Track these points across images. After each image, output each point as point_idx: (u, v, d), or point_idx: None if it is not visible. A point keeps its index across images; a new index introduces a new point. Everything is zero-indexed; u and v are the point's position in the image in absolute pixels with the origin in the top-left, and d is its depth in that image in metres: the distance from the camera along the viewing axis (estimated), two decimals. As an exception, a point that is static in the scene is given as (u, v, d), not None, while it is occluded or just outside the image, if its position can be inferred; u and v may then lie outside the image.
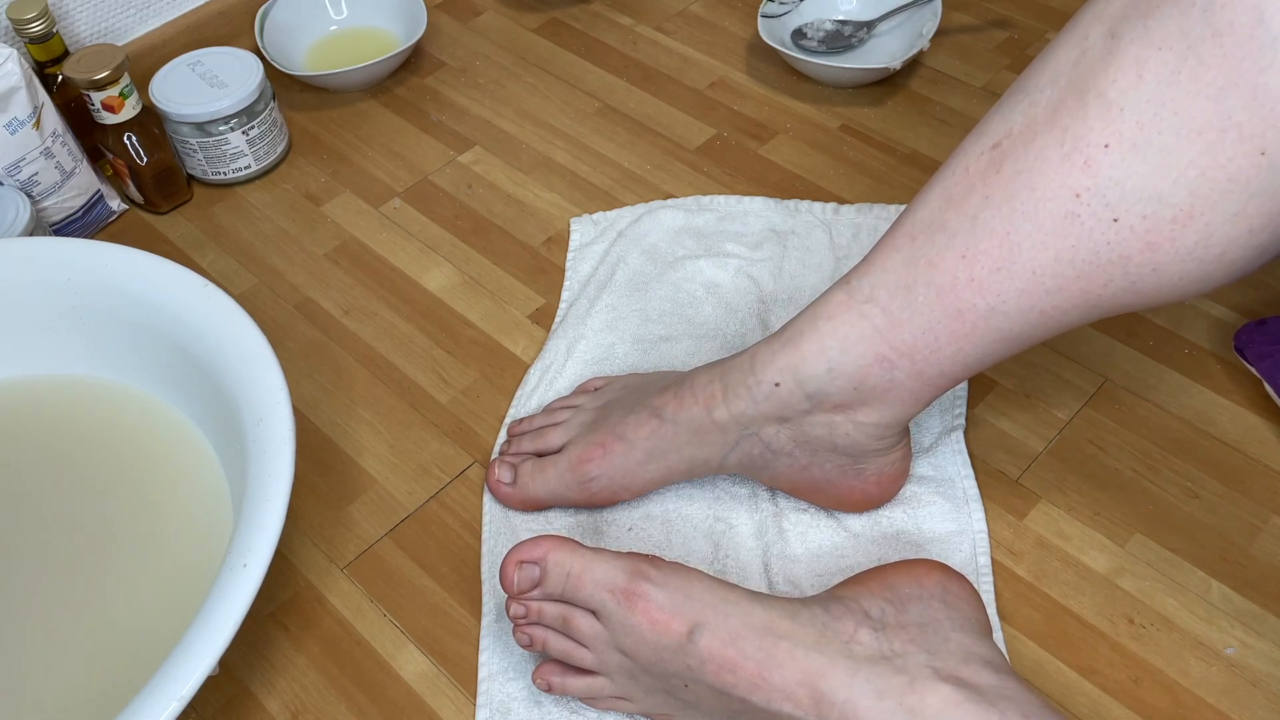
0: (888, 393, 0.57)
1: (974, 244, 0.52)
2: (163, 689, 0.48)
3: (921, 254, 0.54)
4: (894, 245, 0.56)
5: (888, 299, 0.55)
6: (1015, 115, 0.51)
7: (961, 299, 0.53)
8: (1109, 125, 0.47)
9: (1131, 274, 0.49)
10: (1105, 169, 0.47)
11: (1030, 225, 0.50)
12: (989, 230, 0.51)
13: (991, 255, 0.52)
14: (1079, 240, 0.49)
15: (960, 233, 0.53)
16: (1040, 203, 0.50)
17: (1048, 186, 0.49)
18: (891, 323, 0.55)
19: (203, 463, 0.66)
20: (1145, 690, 0.59)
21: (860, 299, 0.56)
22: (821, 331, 0.57)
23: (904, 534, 0.65)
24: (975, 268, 0.52)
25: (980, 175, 0.52)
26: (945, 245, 0.53)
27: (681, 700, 0.55)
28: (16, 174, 0.80)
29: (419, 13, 0.98)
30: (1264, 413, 0.70)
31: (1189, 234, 0.47)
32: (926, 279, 0.54)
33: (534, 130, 0.94)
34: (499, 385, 0.75)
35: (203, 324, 0.64)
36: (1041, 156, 0.49)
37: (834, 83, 0.94)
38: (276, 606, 0.65)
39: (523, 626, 0.57)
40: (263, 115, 0.88)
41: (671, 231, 0.83)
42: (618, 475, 0.64)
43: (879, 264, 0.56)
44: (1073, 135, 0.48)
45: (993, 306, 0.52)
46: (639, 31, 1.03)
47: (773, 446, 0.61)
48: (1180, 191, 0.46)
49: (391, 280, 0.83)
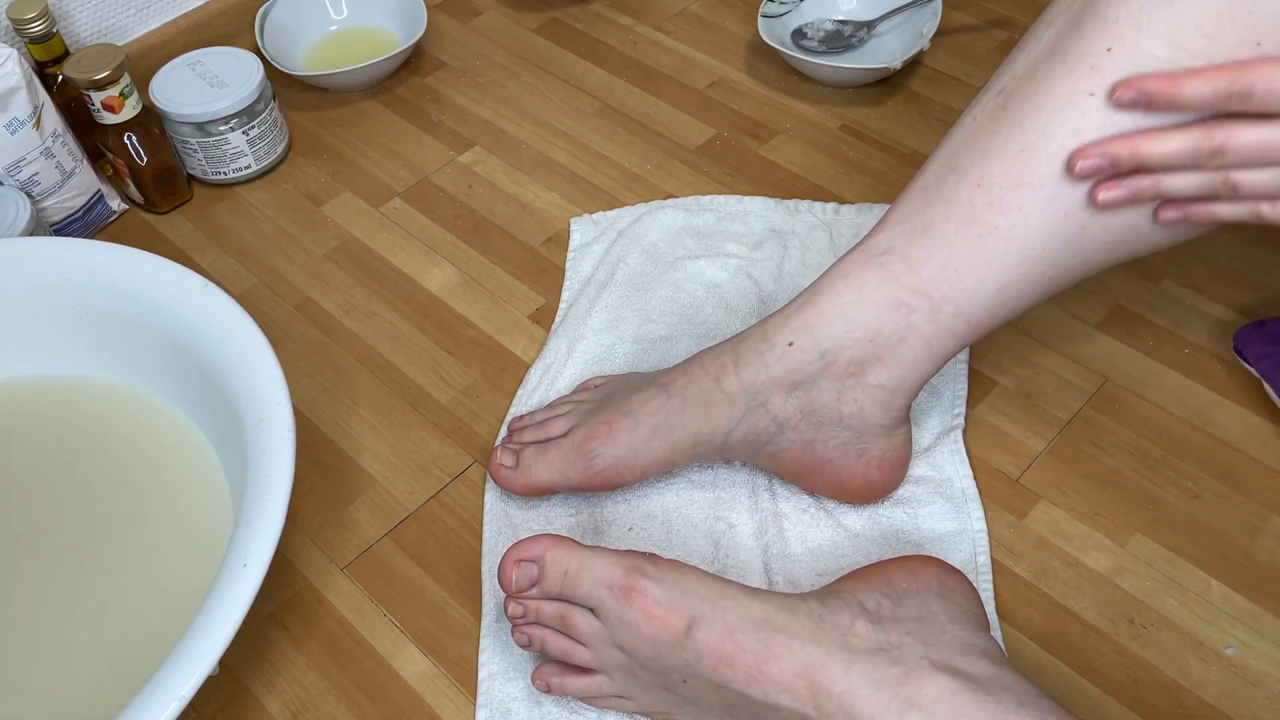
0: (903, 341, 0.57)
1: (988, 170, 0.53)
2: (163, 689, 0.48)
3: (935, 196, 0.55)
4: (906, 199, 0.56)
5: (904, 244, 0.56)
6: (1016, 63, 0.53)
7: (982, 223, 0.54)
8: (1106, 34, 0.50)
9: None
10: (1110, 70, 0.49)
11: (1043, 137, 0.51)
12: (1001, 155, 0.52)
13: (1007, 175, 0.52)
14: (1097, 135, 0.50)
15: (973, 167, 0.53)
16: (1052, 113, 0.51)
17: (1058, 99, 0.51)
18: (909, 265, 0.56)
19: (203, 463, 0.66)
20: (1145, 690, 0.59)
21: (877, 252, 0.57)
22: (837, 289, 0.58)
23: (903, 533, 0.65)
24: (993, 190, 0.53)
25: (989, 118, 0.53)
26: (958, 182, 0.54)
27: (680, 696, 0.55)
28: (16, 174, 0.80)
29: (419, 13, 0.98)
30: (1264, 413, 0.70)
31: None
32: (943, 215, 0.54)
33: (534, 130, 0.94)
34: (499, 385, 0.75)
35: (203, 324, 0.65)
36: (1047, 80, 0.51)
37: (834, 83, 0.94)
38: (276, 606, 0.65)
39: (521, 626, 0.57)
40: (263, 115, 0.88)
41: (672, 231, 0.83)
42: (622, 453, 0.64)
43: (893, 218, 0.57)
44: (1074, 54, 0.51)
45: (1015, 223, 0.53)
46: (639, 31, 1.03)
47: (779, 419, 0.61)
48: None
49: (392, 280, 0.83)
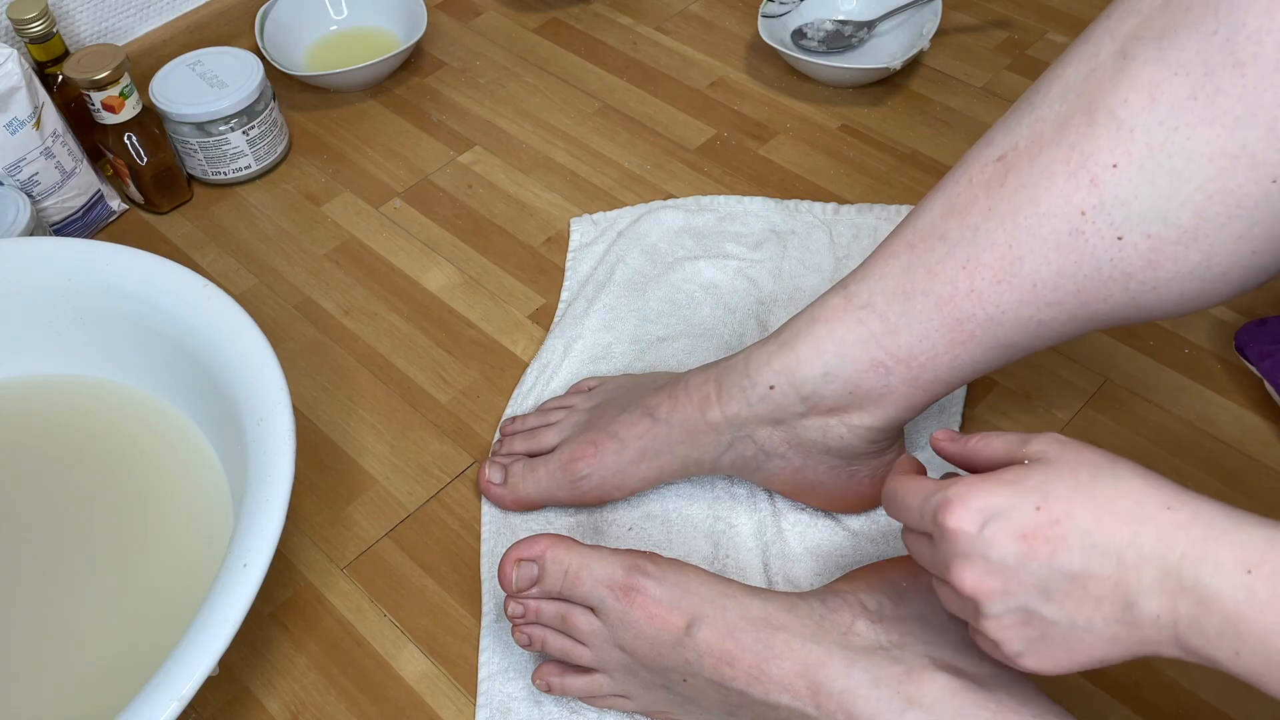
0: (882, 397, 0.57)
1: (975, 255, 0.52)
2: (163, 689, 0.48)
3: (920, 262, 0.54)
4: (892, 252, 0.55)
5: (885, 305, 0.55)
6: (1021, 129, 0.51)
7: (960, 309, 0.53)
8: (1118, 145, 0.47)
9: (1133, 290, 0.49)
10: (1112, 188, 0.47)
11: (1033, 240, 0.50)
12: (991, 242, 0.51)
13: (992, 267, 0.51)
14: (1082, 256, 0.49)
15: (961, 243, 0.52)
16: (1044, 218, 0.49)
17: (1053, 202, 0.49)
18: (888, 329, 0.55)
19: (203, 463, 0.66)
20: (1145, 690, 0.59)
21: (858, 304, 0.56)
22: (818, 335, 0.57)
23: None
24: (975, 278, 0.52)
25: (984, 186, 0.52)
26: (945, 255, 0.53)
27: (681, 696, 0.55)
28: (16, 174, 0.80)
29: (419, 13, 0.98)
30: (1264, 413, 0.70)
31: (1192, 254, 0.47)
32: (925, 287, 0.54)
33: (534, 130, 0.94)
34: (499, 385, 0.75)
35: (203, 324, 0.65)
36: (1047, 172, 0.49)
37: (834, 83, 0.94)
38: (276, 606, 0.65)
39: (521, 626, 0.57)
40: (263, 115, 0.88)
41: (671, 232, 0.83)
42: (609, 475, 0.64)
43: (877, 270, 0.56)
44: (1080, 153, 0.48)
45: (991, 317, 0.52)
46: (639, 31, 1.03)
47: (766, 448, 0.61)
48: (1186, 213, 0.46)
49: (391, 280, 0.83)
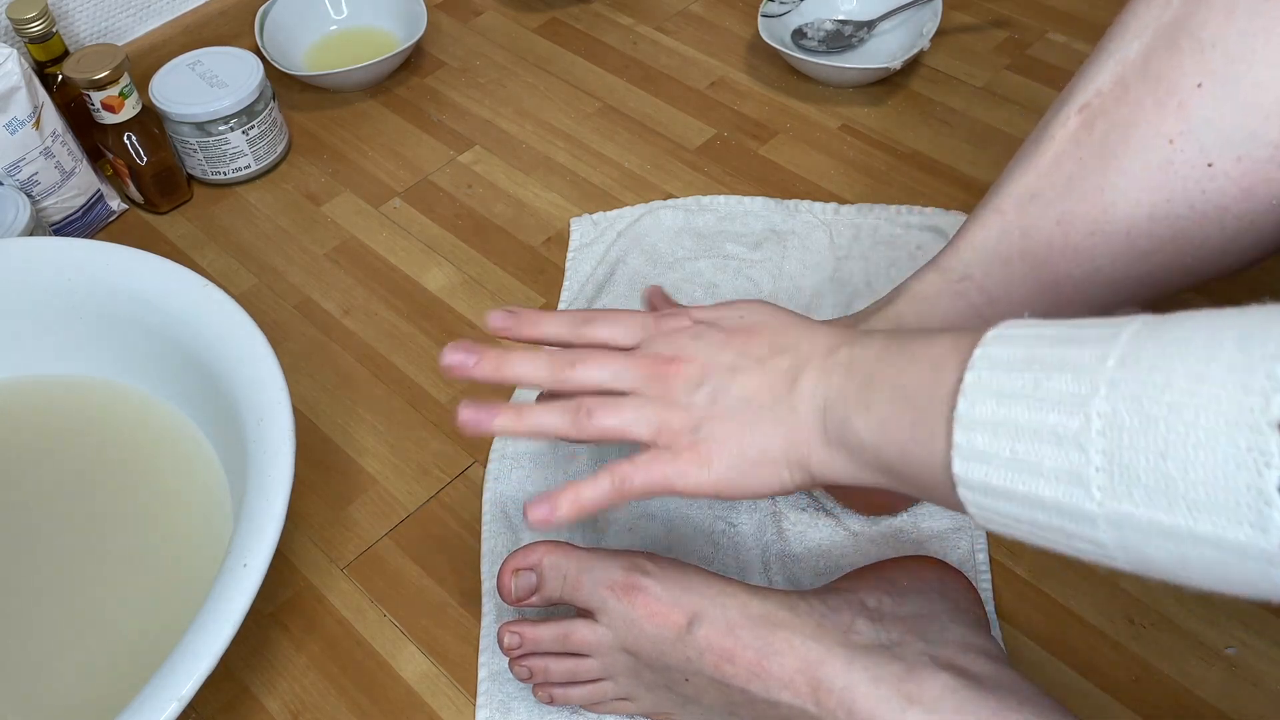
0: None
1: (1069, 208, 0.51)
2: (163, 689, 0.48)
3: (1015, 225, 0.52)
4: (983, 222, 0.54)
5: (983, 275, 0.54)
6: (1103, 74, 0.50)
7: (1058, 269, 0.51)
8: (1202, 64, 0.46)
9: (1228, 228, 0.48)
10: (1198, 109, 0.46)
11: (1124, 179, 0.49)
12: (1083, 193, 0.50)
13: (1087, 218, 0.50)
14: (1173, 192, 0.48)
15: (1055, 199, 0.51)
16: (1134, 154, 0.48)
17: (1142, 138, 0.48)
18: (989, 300, 0.54)
19: (203, 463, 0.66)
20: (1145, 690, 0.59)
21: (954, 277, 0.55)
22: (921, 313, 0.55)
23: (903, 532, 0.65)
24: (1070, 233, 0.51)
25: (1071, 139, 0.51)
26: (1039, 214, 0.51)
27: (682, 695, 0.55)
28: (16, 174, 0.80)
29: (419, 13, 0.98)
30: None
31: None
32: (1022, 249, 0.52)
33: (534, 130, 0.94)
34: (499, 386, 0.75)
35: (203, 324, 0.65)
36: (1138, 106, 0.48)
37: (834, 82, 0.94)
38: (276, 606, 0.65)
39: (519, 660, 0.56)
40: (263, 115, 0.88)
41: (671, 232, 0.83)
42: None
43: (970, 241, 0.54)
44: (1167, 81, 0.47)
45: (1087, 274, 0.51)
46: (639, 31, 1.03)
47: None
48: (1273, 126, 0.45)
49: (392, 280, 0.83)
